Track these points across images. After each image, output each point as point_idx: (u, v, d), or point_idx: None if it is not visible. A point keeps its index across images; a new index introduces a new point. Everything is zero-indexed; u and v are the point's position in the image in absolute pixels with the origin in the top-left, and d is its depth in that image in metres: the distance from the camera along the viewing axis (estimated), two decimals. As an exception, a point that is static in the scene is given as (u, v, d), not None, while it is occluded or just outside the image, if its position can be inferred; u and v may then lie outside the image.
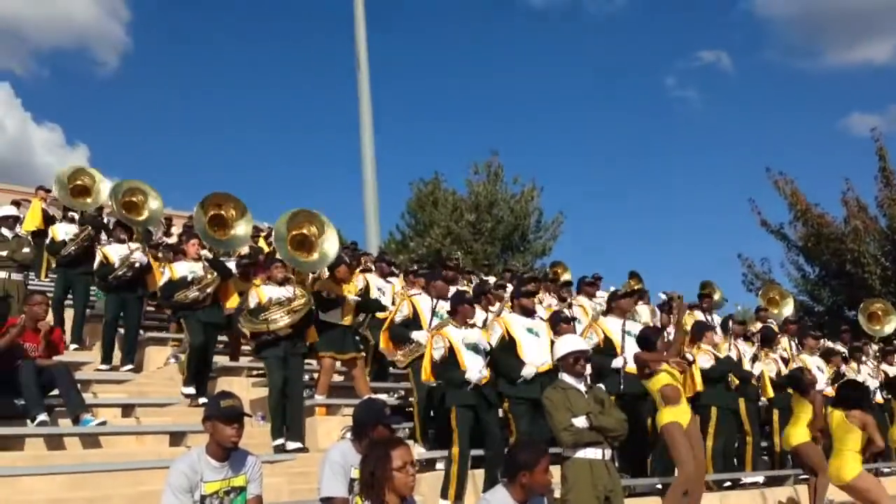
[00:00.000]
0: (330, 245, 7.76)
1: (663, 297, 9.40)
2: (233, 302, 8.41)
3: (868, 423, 7.00)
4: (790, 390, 8.17)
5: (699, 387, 7.79)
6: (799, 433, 7.77)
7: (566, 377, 5.25)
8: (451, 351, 6.46)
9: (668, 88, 57.05)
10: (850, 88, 58.71)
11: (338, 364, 8.04)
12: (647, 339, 6.75)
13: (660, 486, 6.79)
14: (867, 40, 56.51)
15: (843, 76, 59.28)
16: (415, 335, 7.39)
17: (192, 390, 7.83)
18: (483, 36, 56.78)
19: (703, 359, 8.05)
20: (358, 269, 9.53)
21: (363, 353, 8.10)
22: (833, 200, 21.13)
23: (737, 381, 8.32)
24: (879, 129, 19.82)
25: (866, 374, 10.27)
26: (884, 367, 10.61)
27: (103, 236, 10.36)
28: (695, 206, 58.65)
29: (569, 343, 5.42)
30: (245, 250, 12.14)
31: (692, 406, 7.99)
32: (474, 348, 6.53)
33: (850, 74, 58.83)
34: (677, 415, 6.41)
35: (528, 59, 56.99)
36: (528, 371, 6.64)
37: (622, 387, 6.93)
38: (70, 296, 9.68)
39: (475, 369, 6.39)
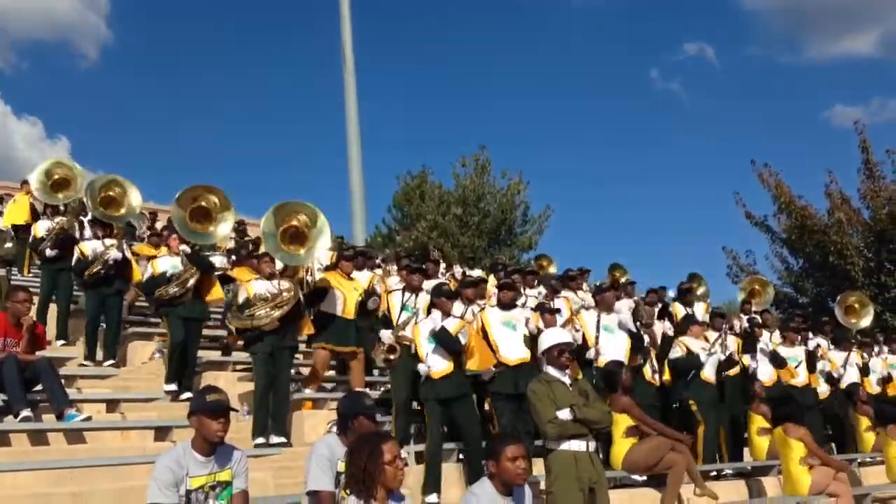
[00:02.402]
0: (322, 237, 7.64)
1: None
2: (213, 295, 8.40)
3: (804, 436, 7.20)
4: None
5: None
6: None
7: (550, 370, 5.26)
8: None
9: (652, 81, 57.27)
10: (833, 81, 59.25)
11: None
12: (612, 375, 6.83)
13: (644, 478, 6.83)
14: (849, 33, 57.04)
15: (826, 69, 59.80)
16: (381, 334, 7.34)
17: (173, 387, 7.79)
18: (470, 29, 56.84)
19: (675, 351, 8.16)
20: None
21: (361, 349, 8.10)
22: (817, 192, 21.30)
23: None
24: (862, 121, 19.94)
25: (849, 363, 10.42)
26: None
27: (87, 231, 10.30)
28: (680, 198, 59.09)
29: (553, 336, 5.43)
30: (231, 244, 12.14)
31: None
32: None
33: (833, 67, 59.39)
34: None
35: (515, 52, 57.09)
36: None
37: (594, 381, 7.01)
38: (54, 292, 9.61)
39: (425, 363, 6.48)
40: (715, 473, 7.86)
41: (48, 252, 9.43)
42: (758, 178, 19.76)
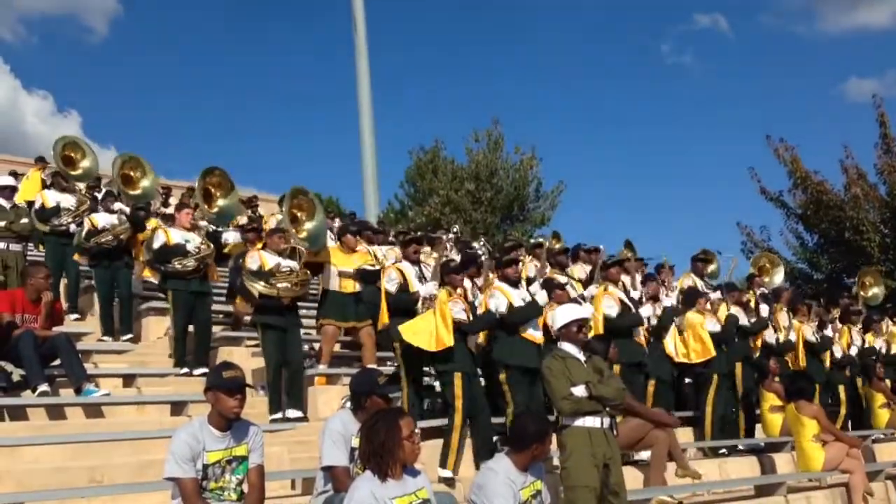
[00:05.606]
0: (314, 228, 7.82)
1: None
2: (213, 273, 8.58)
3: (817, 413, 7.18)
4: None
5: (712, 352, 7.89)
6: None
7: (566, 345, 5.24)
8: None
9: (664, 55, 56.56)
10: (848, 53, 58.27)
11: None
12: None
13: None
14: (865, 5, 55.95)
15: (841, 41, 58.77)
16: (422, 290, 6.83)
17: (185, 370, 7.76)
18: (481, 2, 56.22)
19: (710, 322, 8.11)
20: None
21: (369, 322, 8.01)
22: (833, 167, 21.03)
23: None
24: (880, 94, 19.63)
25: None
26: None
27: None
28: (694, 173, 58.61)
29: (571, 311, 5.40)
30: (244, 220, 12.17)
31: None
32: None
33: (848, 39, 58.34)
34: None
35: (526, 26, 56.50)
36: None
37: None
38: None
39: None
40: (725, 451, 7.88)
41: (73, 228, 9.46)
42: (773, 153, 19.54)
